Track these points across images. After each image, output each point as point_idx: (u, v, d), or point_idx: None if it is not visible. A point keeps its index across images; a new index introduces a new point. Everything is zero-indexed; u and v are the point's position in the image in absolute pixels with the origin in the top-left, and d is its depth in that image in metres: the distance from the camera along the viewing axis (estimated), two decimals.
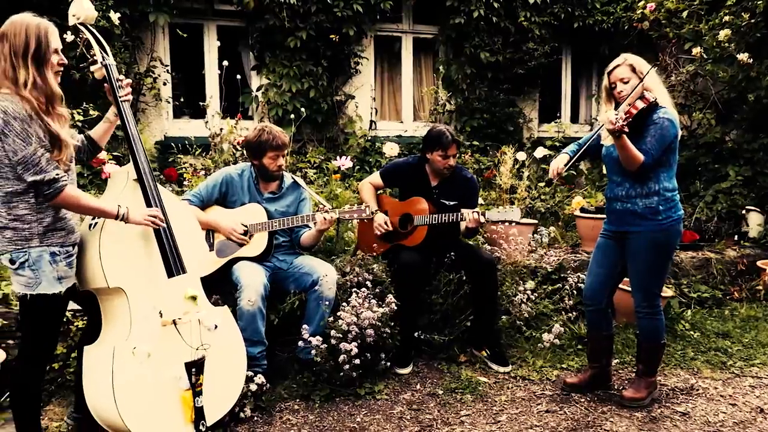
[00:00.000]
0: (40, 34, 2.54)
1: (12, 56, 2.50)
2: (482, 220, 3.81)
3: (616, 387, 3.73)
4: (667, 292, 4.67)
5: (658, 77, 3.47)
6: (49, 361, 2.97)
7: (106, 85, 2.91)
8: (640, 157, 3.19)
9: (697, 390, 3.74)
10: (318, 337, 3.49)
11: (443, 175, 4.11)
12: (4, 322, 3.41)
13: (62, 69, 2.67)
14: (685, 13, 6.02)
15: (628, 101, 3.25)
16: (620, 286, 3.74)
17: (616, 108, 3.30)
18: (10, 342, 3.39)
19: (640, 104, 3.21)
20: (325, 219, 3.64)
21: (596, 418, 3.37)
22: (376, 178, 4.33)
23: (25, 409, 2.70)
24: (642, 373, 3.57)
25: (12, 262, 2.57)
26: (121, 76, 2.95)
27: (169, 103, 6.34)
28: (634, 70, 3.33)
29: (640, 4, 6.38)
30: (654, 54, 6.55)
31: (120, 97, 2.89)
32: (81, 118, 4.74)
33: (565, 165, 3.50)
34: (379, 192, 4.38)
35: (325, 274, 3.66)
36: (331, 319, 3.62)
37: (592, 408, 3.49)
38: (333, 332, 3.53)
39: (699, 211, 5.90)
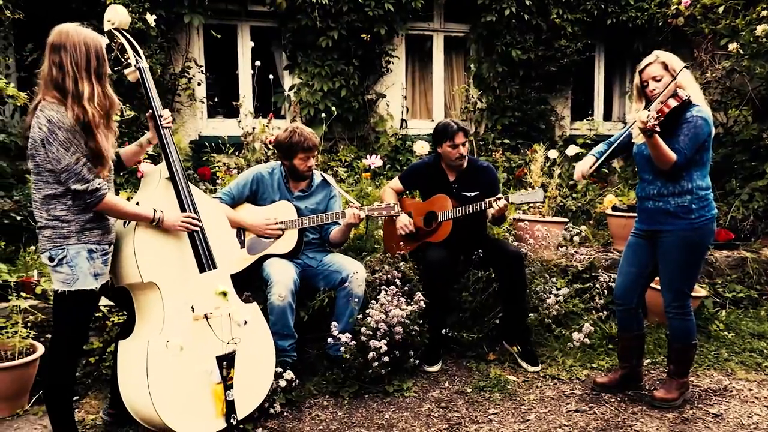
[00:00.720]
0: (98, 48, 2.63)
1: (74, 69, 2.57)
2: (503, 204, 3.78)
3: (647, 387, 3.69)
4: (701, 291, 4.60)
5: (691, 75, 3.41)
6: (80, 355, 3.06)
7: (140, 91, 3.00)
8: (673, 156, 3.15)
9: (731, 391, 3.68)
10: (347, 335, 3.53)
11: (458, 166, 4.11)
12: (43, 317, 3.53)
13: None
14: (721, 9, 5.91)
15: (660, 99, 3.21)
16: (652, 285, 3.69)
17: (647, 106, 3.26)
18: (49, 336, 3.49)
19: (673, 102, 3.16)
20: (353, 215, 3.67)
21: (626, 419, 3.34)
22: (395, 183, 4.36)
23: (58, 402, 2.79)
24: (673, 373, 3.53)
25: (51, 259, 2.66)
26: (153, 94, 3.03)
27: (203, 103, 6.45)
28: (666, 67, 3.28)
29: None
30: (689, 50, 6.44)
31: (153, 99, 2.97)
32: (117, 118, 4.86)
33: (590, 168, 3.47)
34: (401, 196, 4.40)
35: (354, 271, 3.69)
36: (360, 316, 3.65)
37: (622, 408, 3.46)
38: (362, 329, 3.56)
39: (735, 210, 5.79)
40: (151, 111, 3.02)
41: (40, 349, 3.35)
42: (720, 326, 4.57)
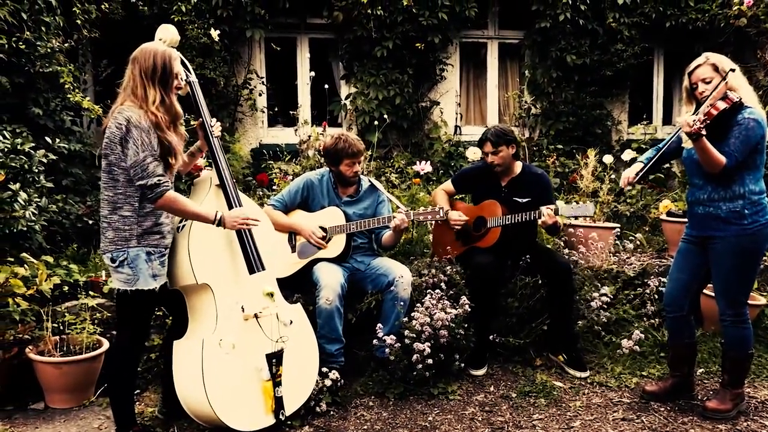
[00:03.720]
0: (165, 60, 2.88)
1: (142, 77, 2.84)
2: (558, 219, 3.77)
3: (699, 397, 3.62)
4: (761, 300, 4.45)
5: (742, 76, 3.33)
6: (142, 351, 3.27)
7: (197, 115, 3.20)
8: (722, 159, 3.10)
9: None
10: (392, 337, 3.61)
11: (500, 171, 4.13)
12: (109, 314, 3.76)
13: (179, 91, 3.01)
14: None
15: (708, 101, 3.16)
16: (707, 292, 3.60)
17: (697, 109, 3.21)
18: (114, 332, 3.72)
19: (722, 105, 3.11)
20: (400, 219, 3.74)
21: (675, 429, 3.28)
22: (448, 185, 4.42)
23: (120, 395, 2.99)
24: (727, 383, 3.44)
25: (112, 260, 2.87)
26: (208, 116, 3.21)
27: (263, 112, 6.68)
28: (716, 69, 3.23)
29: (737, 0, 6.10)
30: (752, 51, 6.23)
31: (202, 109, 3.18)
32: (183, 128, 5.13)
33: (636, 174, 3.43)
34: (452, 199, 4.45)
35: (400, 275, 3.77)
36: (406, 319, 3.72)
37: (671, 418, 3.40)
38: (407, 332, 3.63)
39: None
40: (200, 120, 3.22)
41: (105, 345, 3.59)
42: None
